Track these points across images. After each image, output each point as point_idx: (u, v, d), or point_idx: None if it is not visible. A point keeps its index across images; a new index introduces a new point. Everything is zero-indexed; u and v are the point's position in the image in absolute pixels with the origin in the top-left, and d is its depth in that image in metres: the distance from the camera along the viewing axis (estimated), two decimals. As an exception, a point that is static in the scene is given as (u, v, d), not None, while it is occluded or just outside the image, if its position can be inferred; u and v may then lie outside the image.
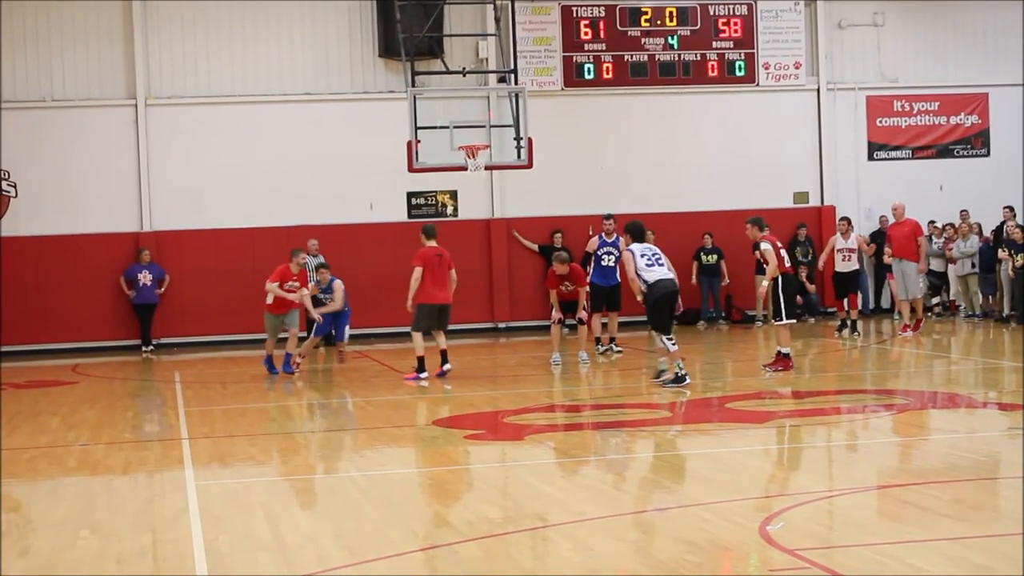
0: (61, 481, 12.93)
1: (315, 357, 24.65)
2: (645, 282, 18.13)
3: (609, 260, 22.52)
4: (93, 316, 27.21)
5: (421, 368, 19.88)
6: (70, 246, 27.12)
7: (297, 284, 21.33)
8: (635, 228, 18.92)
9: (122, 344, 27.16)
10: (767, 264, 19.38)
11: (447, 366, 20.15)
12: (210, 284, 27.53)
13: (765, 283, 19.42)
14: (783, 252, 19.64)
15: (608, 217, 22.97)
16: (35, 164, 27.11)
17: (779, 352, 19.40)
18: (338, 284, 22.33)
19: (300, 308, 21.77)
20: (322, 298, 22.21)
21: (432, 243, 20.33)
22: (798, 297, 22.56)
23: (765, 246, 19.43)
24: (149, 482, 12.86)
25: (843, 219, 25.34)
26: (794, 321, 19.63)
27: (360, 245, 27.86)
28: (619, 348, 22.94)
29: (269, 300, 21.38)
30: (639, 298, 18.42)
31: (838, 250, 24.56)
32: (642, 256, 18.28)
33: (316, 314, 21.74)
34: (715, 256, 28.52)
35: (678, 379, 18.03)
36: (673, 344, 18.15)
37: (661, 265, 18.30)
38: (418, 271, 20.03)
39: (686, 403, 17.01)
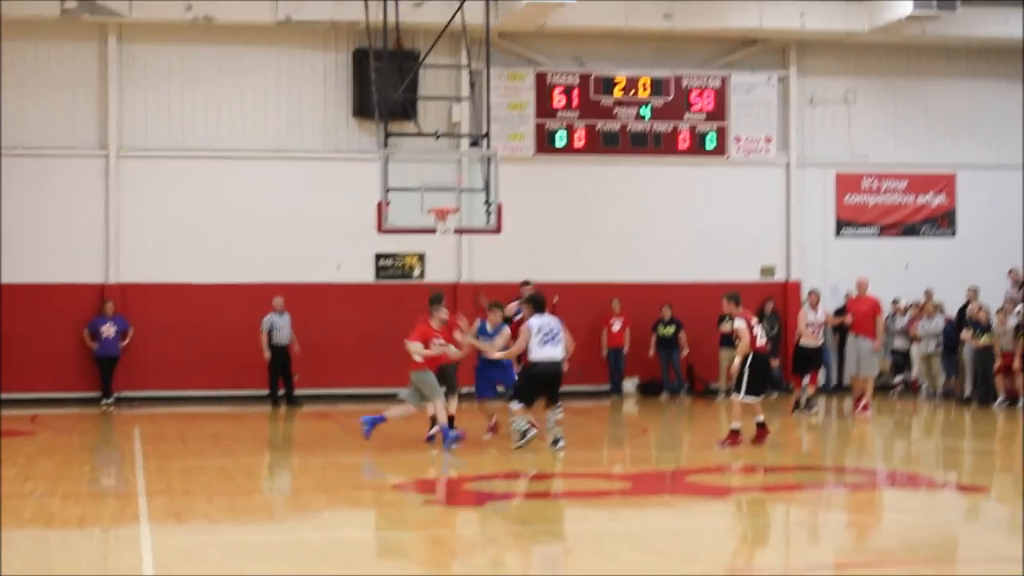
0: (15, 533, 12.79)
1: (276, 416, 24.53)
2: (531, 359, 18.58)
3: None
4: (54, 367, 26.99)
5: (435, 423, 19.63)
6: (33, 295, 26.93)
7: (441, 341, 19.54)
8: (536, 301, 19.15)
9: (82, 396, 26.95)
10: (739, 341, 19.37)
11: (453, 432, 19.82)
12: (174, 339, 27.39)
13: (737, 360, 19.33)
14: (757, 330, 19.56)
15: (526, 283, 22.96)
16: (1, 212, 26.96)
17: (732, 428, 19.35)
18: (507, 331, 19.99)
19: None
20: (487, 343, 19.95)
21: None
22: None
23: (739, 324, 19.40)
24: (104, 537, 12.76)
25: (812, 292, 25.36)
26: (755, 398, 19.41)
27: (326, 305, 27.81)
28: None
29: (417, 359, 19.35)
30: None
31: (808, 324, 24.43)
32: (539, 331, 18.56)
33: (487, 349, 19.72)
34: (673, 328, 28.52)
35: (522, 435, 18.53)
36: (518, 406, 18.58)
37: (556, 344, 18.60)
38: (417, 346, 19.85)
39: (646, 475, 16.99)
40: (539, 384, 18.65)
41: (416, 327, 19.52)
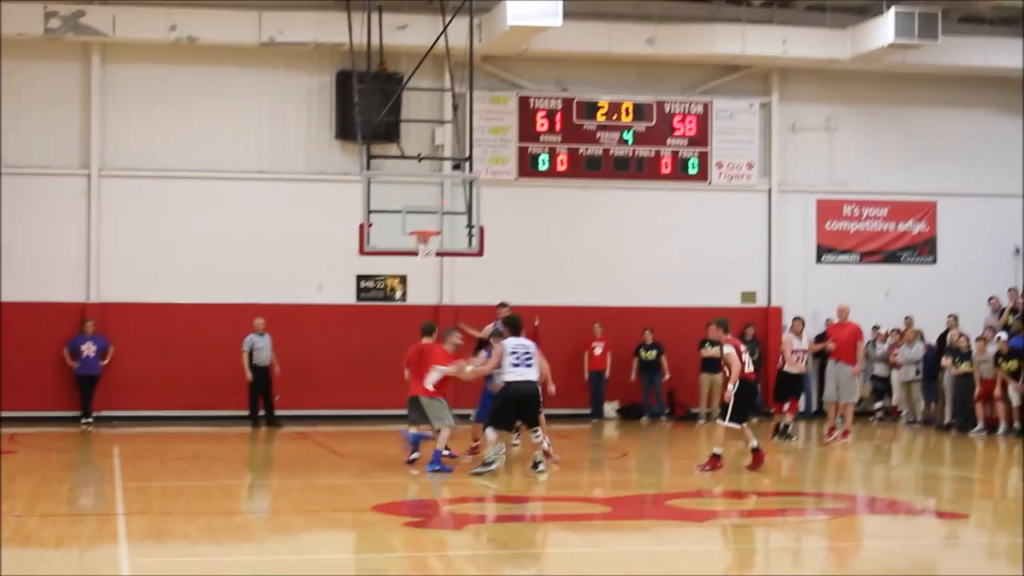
0: (-8, 553, 12.74)
1: (257, 436, 24.47)
2: (503, 380, 18.52)
3: None
4: (34, 385, 26.86)
5: (413, 449, 19.60)
6: (14, 314, 26.83)
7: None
8: (513, 322, 19.14)
9: (62, 415, 26.83)
10: (729, 368, 19.32)
11: (416, 454, 19.78)
12: (155, 358, 27.32)
13: (730, 387, 19.27)
14: (745, 356, 19.53)
15: (502, 305, 22.98)
16: (-18, 230, 26.91)
17: (713, 452, 19.34)
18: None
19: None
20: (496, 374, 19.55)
21: (425, 340, 19.94)
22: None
23: (728, 350, 19.38)
24: (81, 557, 12.70)
25: (797, 319, 25.44)
26: (738, 425, 19.36)
27: (307, 326, 27.77)
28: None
29: (429, 386, 19.15)
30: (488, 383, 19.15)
31: (792, 351, 24.48)
32: (512, 353, 18.52)
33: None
34: (655, 352, 28.54)
35: (486, 464, 18.36)
36: (494, 435, 18.50)
37: (529, 366, 18.56)
38: (406, 372, 19.86)
39: (626, 499, 16.99)
40: (512, 406, 18.59)
41: (433, 352, 19.39)
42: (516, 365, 18.49)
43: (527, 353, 18.59)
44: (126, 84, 27.64)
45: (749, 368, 19.47)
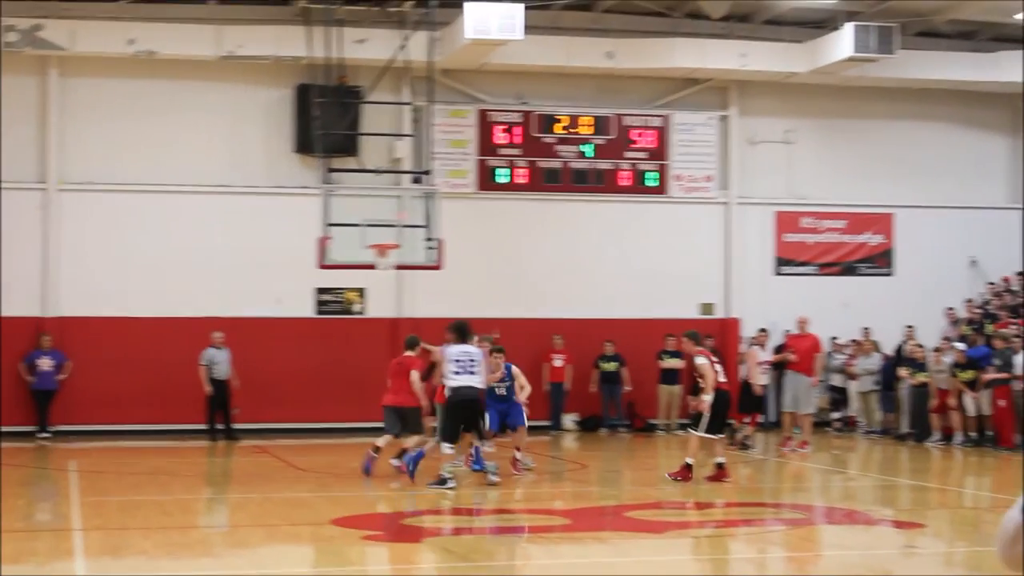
0: (-53, 569, 12.67)
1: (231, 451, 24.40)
2: (447, 387, 18.43)
3: None
4: (-10, 400, 26.71)
5: (374, 451, 19.64)
6: (-29, 328, 26.69)
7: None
8: (458, 329, 18.89)
9: (18, 430, 26.63)
10: (703, 379, 19.31)
11: (393, 461, 19.78)
12: (112, 373, 27.16)
13: (706, 398, 19.26)
14: (718, 367, 19.56)
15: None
16: (-62, 244, 26.72)
17: (685, 462, 19.37)
18: (516, 371, 20.51)
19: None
20: (498, 387, 20.10)
21: (407, 352, 20.02)
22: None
23: (701, 361, 19.38)
24: (38, 573, 12.63)
25: (762, 331, 25.47)
26: (715, 437, 19.37)
27: (266, 339, 27.70)
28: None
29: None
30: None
31: (758, 363, 24.58)
32: (456, 360, 18.40)
33: None
34: (615, 363, 28.59)
35: (442, 481, 18.18)
36: (450, 449, 18.35)
37: (472, 372, 18.43)
38: (389, 382, 19.92)
39: (585, 511, 17.02)
40: (459, 412, 18.49)
41: (417, 363, 19.52)
42: (458, 372, 18.39)
43: (471, 360, 18.50)
44: (84, 98, 27.52)
45: (722, 378, 19.53)
